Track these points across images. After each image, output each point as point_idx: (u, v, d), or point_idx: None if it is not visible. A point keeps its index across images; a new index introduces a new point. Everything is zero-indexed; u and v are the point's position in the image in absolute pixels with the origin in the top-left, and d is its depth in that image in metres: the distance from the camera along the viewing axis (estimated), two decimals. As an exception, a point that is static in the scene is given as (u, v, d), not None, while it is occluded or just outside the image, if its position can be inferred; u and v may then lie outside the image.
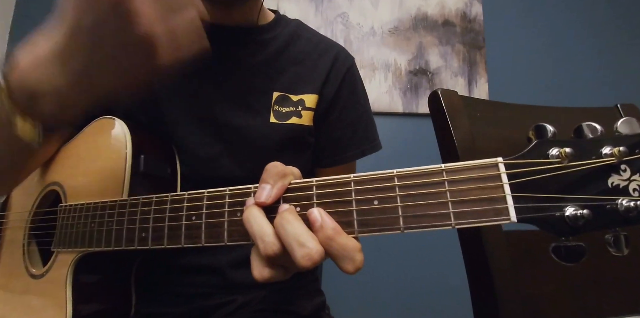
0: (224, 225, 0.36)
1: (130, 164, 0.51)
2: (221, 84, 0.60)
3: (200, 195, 0.39)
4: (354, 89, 0.68)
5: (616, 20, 1.74)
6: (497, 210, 0.27)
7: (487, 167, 0.28)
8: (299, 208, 0.33)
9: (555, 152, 0.27)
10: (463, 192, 0.28)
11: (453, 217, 0.28)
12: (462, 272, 0.53)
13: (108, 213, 0.46)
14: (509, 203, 0.27)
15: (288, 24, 0.67)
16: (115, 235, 0.45)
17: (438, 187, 0.29)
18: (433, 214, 0.29)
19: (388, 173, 0.31)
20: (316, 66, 0.64)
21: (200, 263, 0.59)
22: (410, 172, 0.31)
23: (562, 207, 0.27)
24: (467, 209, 0.28)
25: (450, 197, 0.29)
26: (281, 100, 0.62)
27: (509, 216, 0.27)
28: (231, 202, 0.36)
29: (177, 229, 0.39)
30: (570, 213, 0.26)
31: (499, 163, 0.28)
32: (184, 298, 0.58)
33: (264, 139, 0.60)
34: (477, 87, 1.63)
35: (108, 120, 0.56)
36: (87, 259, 0.50)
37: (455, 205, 0.28)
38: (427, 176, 0.30)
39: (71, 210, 0.52)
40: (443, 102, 0.57)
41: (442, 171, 0.30)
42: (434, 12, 1.68)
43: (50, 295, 0.51)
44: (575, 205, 0.26)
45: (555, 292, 0.55)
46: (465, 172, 0.29)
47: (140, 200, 0.44)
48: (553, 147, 0.28)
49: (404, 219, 0.30)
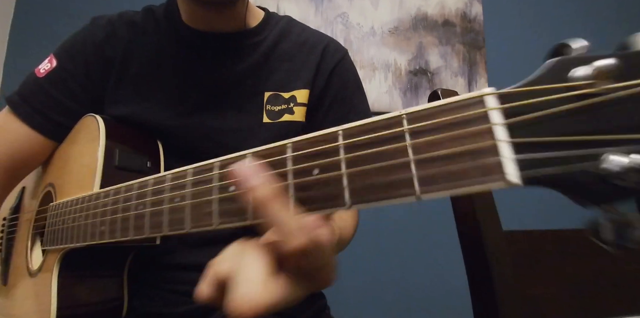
0: (164, 214, 0.31)
1: (102, 158, 0.50)
2: (212, 90, 0.60)
3: (146, 181, 0.34)
4: (345, 81, 0.66)
5: (616, 20, 1.74)
6: (485, 168, 0.17)
7: (468, 105, 0.19)
8: (233, 188, 0.26)
9: (583, 72, 0.17)
10: (432, 145, 0.19)
11: (418, 184, 0.19)
12: (462, 272, 0.53)
13: (78, 207, 0.46)
14: (502, 154, 0.17)
15: (277, 22, 0.67)
16: (83, 230, 0.43)
17: (396, 142, 0.21)
18: (389, 182, 0.20)
19: (331, 131, 0.24)
20: (306, 61, 0.64)
21: (199, 261, 0.58)
22: (360, 127, 0.23)
23: (597, 154, 0.16)
24: (438, 170, 0.19)
25: (412, 155, 0.20)
26: (273, 99, 0.61)
27: (503, 175, 0.17)
28: (171, 186, 0.31)
29: (127, 221, 0.35)
30: (612, 163, 0.15)
31: (486, 95, 0.19)
32: (183, 297, 0.58)
33: (257, 140, 0.60)
34: (477, 87, 1.62)
35: (89, 118, 0.57)
36: (71, 256, 0.50)
37: (421, 165, 0.20)
38: (381, 129, 0.21)
39: (56, 208, 0.53)
40: (443, 101, 0.56)
41: (402, 119, 0.21)
42: (434, 12, 1.68)
43: (41, 292, 0.52)
44: (618, 151, 0.16)
45: (555, 292, 0.55)
46: (434, 116, 0.20)
47: (102, 192, 0.42)
48: (580, 65, 0.18)
49: (351, 192, 0.22)
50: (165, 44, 0.62)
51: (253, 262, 0.24)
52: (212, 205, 0.28)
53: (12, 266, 0.64)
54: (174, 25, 0.62)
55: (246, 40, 0.63)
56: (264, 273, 0.24)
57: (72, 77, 0.60)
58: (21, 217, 0.67)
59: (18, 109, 0.60)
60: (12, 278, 0.63)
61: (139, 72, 0.61)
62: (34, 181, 0.67)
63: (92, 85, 0.61)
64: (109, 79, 0.61)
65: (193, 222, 0.29)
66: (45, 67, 0.61)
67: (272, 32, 0.65)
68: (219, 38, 0.61)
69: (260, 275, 0.24)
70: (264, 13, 0.67)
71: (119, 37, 0.62)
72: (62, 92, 0.60)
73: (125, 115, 0.59)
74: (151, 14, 0.65)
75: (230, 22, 0.61)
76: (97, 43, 0.61)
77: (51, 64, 0.61)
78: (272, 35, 0.64)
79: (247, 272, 0.24)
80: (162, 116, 0.59)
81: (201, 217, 0.28)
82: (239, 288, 0.23)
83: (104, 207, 0.40)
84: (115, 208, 0.38)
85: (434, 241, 1.45)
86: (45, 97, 0.60)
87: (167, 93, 0.60)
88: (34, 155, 0.61)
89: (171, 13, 0.63)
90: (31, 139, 0.60)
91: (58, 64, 0.60)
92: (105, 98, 0.61)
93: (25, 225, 0.63)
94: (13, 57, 1.60)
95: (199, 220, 0.28)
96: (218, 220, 0.27)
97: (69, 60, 0.61)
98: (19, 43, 1.61)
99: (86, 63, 0.60)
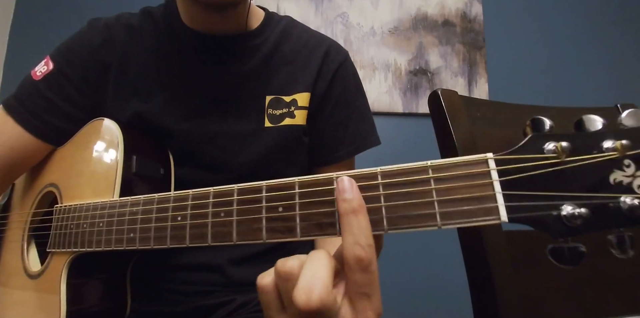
0: (208, 226, 0.35)
1: (121, 165, 0.51)
2: (213, 93, 0.60)
3: (185, 195, 0.38)
4: (347, 85, 0.66)
5: (616, 20, 1.74)
6: (486, 210, 0.26)
7: (476, 163, 0.27)
8: (281, 209, 0.32)
9: (552, 146, 0.25)
10: (450, 190, 0.27)
11: (439, 218, 0.27)
12: (462, 272, 0.53)
13: (99, 213, 0.46)
14: (499, 201, 0.25)
15: (278, 23, 0.66)
16: (105, 236, 0.44)
17: (423, 186, 0.28)
18: (418, 214, 0.27)
19: (371, 171, 0.30)
20: (307, 64, 0.63)
21: (200, 261, 0.59)
22: (395, 170, 0.29)
23: (559, 205, 0.25)
24: (454, 209, 0.27)
25: (436, 196, 0.27)
26: (274, 103, 0.61)
27: (499, 216, 0.25)
28: (215, 202, 0.35)
29: (163, 230, 0.38)
30: (568, 212, 0.24)
31: (489, 159, 0.27)
32: (183, 296, 0.58)
33: (259, 144, 0.60)
34: (477, 87, 1.63)
35: (101, 122, 0.57)
36: (81, 259, 0.50)
37: (442, 204, 0.27)
38: (412, 174, 0.28)
39: (65, 211, 0.52)
40: (443, 102, 0.56)
41: (428, 168, 0.28)
42: (434, 12, 1.68)
43: (46, 295, 0.52)
44: (573, 204, 0.24)
45: (555, 292, 0.54)
46: (452, 169, 0.27)
47: (129, 200, 0.43)
48: (549, 141, 0.26)
49: (388, 220, 0.28)
50: (164, 46, 0.61)
51: (320, 262, 0.28)
52: (261, 222, 0.32)
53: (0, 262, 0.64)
54: (174, 28, 0.62)
55: (247, 42, 0.62)
56: (327, 274, 0.27)
57: (69, 81, 0.59)
58: (12, 216, 0.66)
59: (14, 112, 0.59)
60: (3, 276, 0.62)
61: (138, 77, 0.60)
62: (25, 180, 0.66)
63: (90, 90, 0.60)
64: (107, 84, 0.60)
65: (240, 235, 0.33)
66: (41, 69, 0.60)
67: (272, 33, 0.64)
68: (220, 40, 0.61)
69: (325, 274, 0.27)
70: (264, 13, 0.67)
71: (116, 41, 0.61)
72: (59, 96, 0.59)
73: (126, 120, 0.58)
74: (149, 16, 0.64)
75: (232, 23, 0.60)
76: (94, 47, 0.60)
77: (47, 67, 0.60)
78: (272, 37, 0.64)
79: (313, 268, 0.27)
80: (162, 120, 0.59)
81: (250, 232, 0.33)
82: (303, 280, 0.26)
83: (133, 215, 0.41)
84: (148, 217, 0.40)
85: (434, 241, 1.45)
86: (42, 100, 0.59)
87: (168, 97, 0.60)
88: (29, 158, 0.61)
89: (170, 15, 0.62)
90: (26, 141, 0.59)
91: (55, 67, 0.60)
92: (104, 103, 0.60)
93: (19, 224, 0.63)
94: (13, 57, 1.60)
95: (247, 234, 0.33)
96: (265, 236, 0.32)
97: (66, 64, 0.60)
98: (19, 43, 1.61)
99: (84, 68, 0.60)
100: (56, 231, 0.52)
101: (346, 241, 0.27)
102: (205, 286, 0.59)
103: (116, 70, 0.60)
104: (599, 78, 1.69)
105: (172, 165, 0.58)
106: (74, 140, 0.60)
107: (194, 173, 0.59)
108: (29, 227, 0.61)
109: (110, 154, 0.52)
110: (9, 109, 0.59)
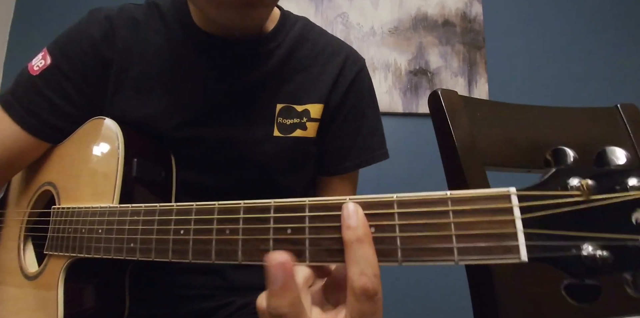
0: (212, 243, 0.34)
1: (122, 167, 0.50)
2: (222, 98, 0.57)
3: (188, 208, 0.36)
4: (361, 95, 0.64)
5: (616, 20, 1.74)
6: (506, 248, 0.25)
7: (497, 198, 0.26)
8: (290, 230, 0.30)
9: (576, 183, 0.24)
10: (469, 225, 0.26)
11: (457, 253, 0.26)
12: (462, 272, 0.53)
13: (98, 220, 0.45)
14: (519, 241, 0.24)
15: (294, 25, 0.62)
16: (105, 244, 0.43)
17: (442, 218, 0.26)
18: (435, 248, 0.26)
19: (387, 198, 0.28)
20: (322, 73, 0.61)
21: (199, 264, 0.58)
22: (413, 199, 0.27)
23: (579, 245, 0.24)
24: (473, 245, 0.25)
25: (454, 230, 0.26)
26: (285, 112, 0.58)
27: (519, 255, 0.24)
28: (220, 219, 0.34)
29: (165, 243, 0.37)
30: (588, 252, 0.24)
31: (512, 194, 0.25)
32: (183, 299, 0.58)
33: (266, 153, 0.58)
34: (477, 87, 1.63)
35: (102, 121, 0.55)
36: (79, 263, 0.49)
37: (460, 239, 0.26)
38: (430, 204, 0.27)
39: (63, 213, 0.51)
40: (443, 102, 0.56)
41: (448, 199, 0.27)
42: (434, 12, 1.68)
43: (43, 297, 0.51)
44: (594, 244, 0.24)
45: (555, 292, 0.54)
46: (473, 203, 0.26)
47: (129, 208, 0.42)
48: (574, 176, 0.25)
49: (403, 251, 0.27)
50: (172, 46, 0.58)
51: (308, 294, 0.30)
52: (269, 243, 0.31)
53: None
54: (184, 27, 0.58)
55: (261, 46, 0.58)
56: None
57: (68, 79, 0.56)
58: (8, 213, 0.65)
59: (11, 110, 0.56)
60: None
61: (140, 76, 0.57)
62: (21, 177, 0.65)
63: (89, 88, 0.57)
64: (107, 82, 0.57)
65: (245, 255, 0.32)
66: (39, 63, 0.57)
67: (287, 37, 0.61)
68: (233, 44, 0.57)
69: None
70: (279, 13, 0.63)
71: (117, 36, 0.57)
72: (57, 93, 0.56)
73: (125, 121, 0.55)
74: (155, 9, 0.59)
75: (250, 24, 0.55)
76: (93, 42, 0.57)
77: (45, 61, 0.57)
78: (287, 42, 0.60)
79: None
80: (167, 124, 0.56)
81: (256, 253, 0.32)
82: None
83: (134, 224, 0.40)
84: (149, 228, 0.39)
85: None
86: (39, 97, 0.56)
87: (173, 100, 0.57)
88: (26, 156, 0.59)
89: (180, 12, 0.58)
90: (23, 140, 0.57)
91: (52, 63, 0.56)
92: (104, 102, 0.58)
93: (15, 223, 0.62)
94: (13, 57, 1.60)
95: (252, 254, 0.32)
96: None
97: (64, 60, 0.57)
98: (19, 43, 1.61)
99: (83, 64, 0.57)
100: (53, 233, 0.51)
101: (351, 271, 0.27)
102: (205, 289, 0.58)
103: (117, 67, 0.57)
104: (599, 78, 1.68)
105: (174, 168, 0.57)
106: (73, 139, 0.59)
107: (195, 177, 0.58)
108: (25, 226, 0.60)
109: (111, 155, 0.51)
110: (5, 106, 0.57)
